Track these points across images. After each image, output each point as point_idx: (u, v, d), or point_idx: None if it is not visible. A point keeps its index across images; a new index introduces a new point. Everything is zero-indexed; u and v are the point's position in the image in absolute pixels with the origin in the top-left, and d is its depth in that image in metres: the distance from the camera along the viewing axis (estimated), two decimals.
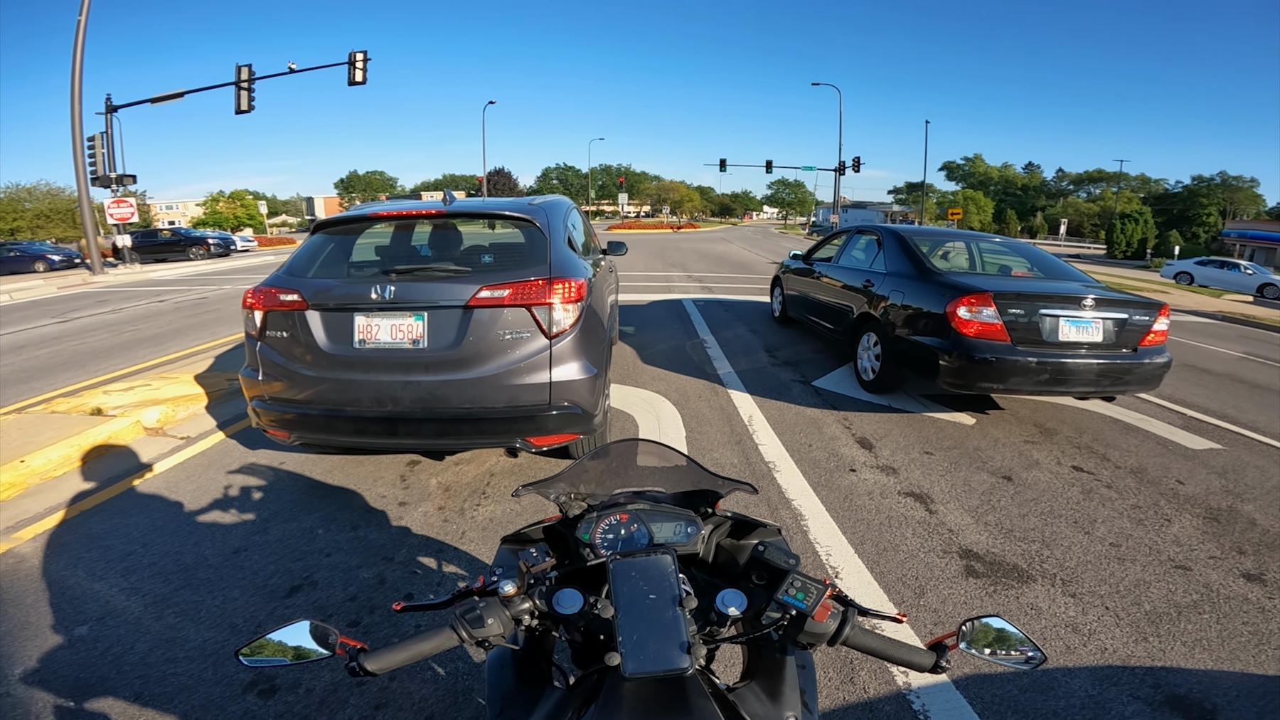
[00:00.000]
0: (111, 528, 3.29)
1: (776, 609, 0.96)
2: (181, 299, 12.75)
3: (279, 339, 3.35)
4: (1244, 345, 9.93)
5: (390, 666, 0.92)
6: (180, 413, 4.97)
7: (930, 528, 3.33)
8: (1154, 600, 2.77)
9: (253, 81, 20.29)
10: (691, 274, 16.59)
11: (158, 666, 2.29)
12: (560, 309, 3.27)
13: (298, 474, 3.88)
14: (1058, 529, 3.37)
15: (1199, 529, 3.44)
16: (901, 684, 2.22)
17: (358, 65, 20.38)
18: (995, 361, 4.51)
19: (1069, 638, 2.50)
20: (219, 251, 28.08)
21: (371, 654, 0.92)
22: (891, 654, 0.98)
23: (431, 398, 3.21)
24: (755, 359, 6.94)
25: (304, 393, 3.30)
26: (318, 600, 2.68)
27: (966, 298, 4.65)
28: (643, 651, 0.88)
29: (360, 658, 0.91)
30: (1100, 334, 4.66)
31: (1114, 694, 2.20)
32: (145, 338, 8.52)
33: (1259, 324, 12.79)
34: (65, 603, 2.67)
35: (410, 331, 3.25)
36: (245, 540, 3.14)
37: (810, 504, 3.55)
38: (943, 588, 2.81)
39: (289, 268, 3.56)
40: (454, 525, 3.24)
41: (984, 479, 3.96)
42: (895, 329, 5.32)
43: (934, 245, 6.18)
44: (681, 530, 1.20)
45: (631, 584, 0.97)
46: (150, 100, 20.65)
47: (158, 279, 17.74)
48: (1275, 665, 2.37)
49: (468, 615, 0.94)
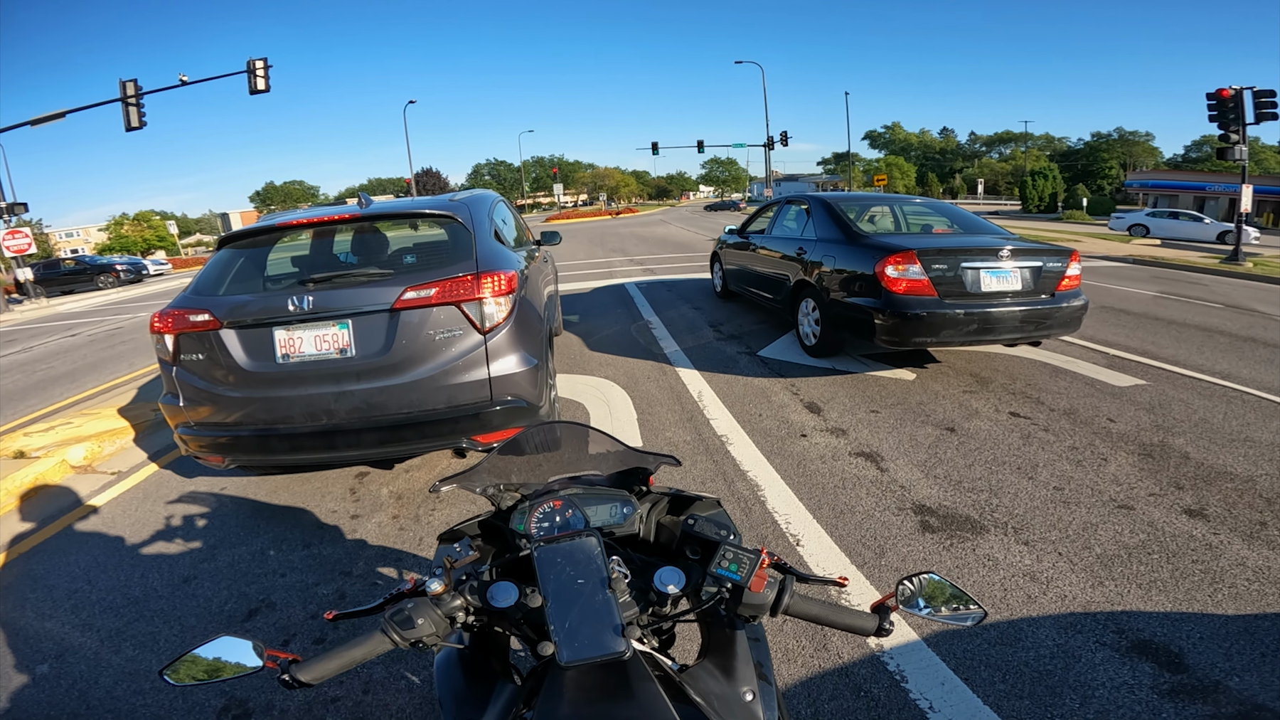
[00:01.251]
0: (52, 567, 3.16)
1: (712, 582, 0.95)
2: (94, 331, 12.00)
3: (196, 361, 3.19)
4: (1157, 285, 10.55)
5: (324, 675, 0.89)
6: (107, 448, 4.71)
7: (883, 486, 3.43)
8: (1103, 543, 2.85)
9: (140, 96, 18.99)
10: (632, 258, 16.57)
11: (126, 699, 2.24)
12: (491, 303, 3.22)
13: (241, 498, 3.72)
14: (1003, 476, 3.50)
15: (1135, 466, 3.58)
16: (874, 645, 2.26)
17: (258, 73, 19.31)
18: (925, 316, 4.68)
19: (1028, 587, 2.55)
20: (130, 278, 26.49)
21: (304, 665, 0.89)
22: (834, 620, 0.97)
23: (367, 406, 3.12)
24: (700, 335, 7.01)
25: (231, 415, 3.17)
26: (278, 621, 2.60)
27: (893, 257, 4.80)
28: (576, 638, 0.86)
29: (292, 669, 0.88)
30: (1019, 282, 4.88)
31: (1080, 642, 2.24)
32: (60, 375, 8.01)
33: (1168, 264, 13.63)
34: (20, 643, 2.59)
35: (336, 341, 3.14)
36: (194, 568, 3.03)
37: (765, 473, 3.61)
38: (901, 545, 2.88)
39: (196, 287, 3.40)
40: (410, 533, 3.18)
41: (929, 432, 4.11)
42: (830, 293, 5.45)
43: (860, 210, 6.34)
44: (617, 511, 1.18)
45: (558, 570, 0.95)
46: (30, 122, 19.17)
47: (66, 312, 16.69)
48: (1233, 604, 2.41)
49: (396, 617, 0.91)
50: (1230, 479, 3.40)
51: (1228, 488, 3.31)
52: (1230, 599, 2.46)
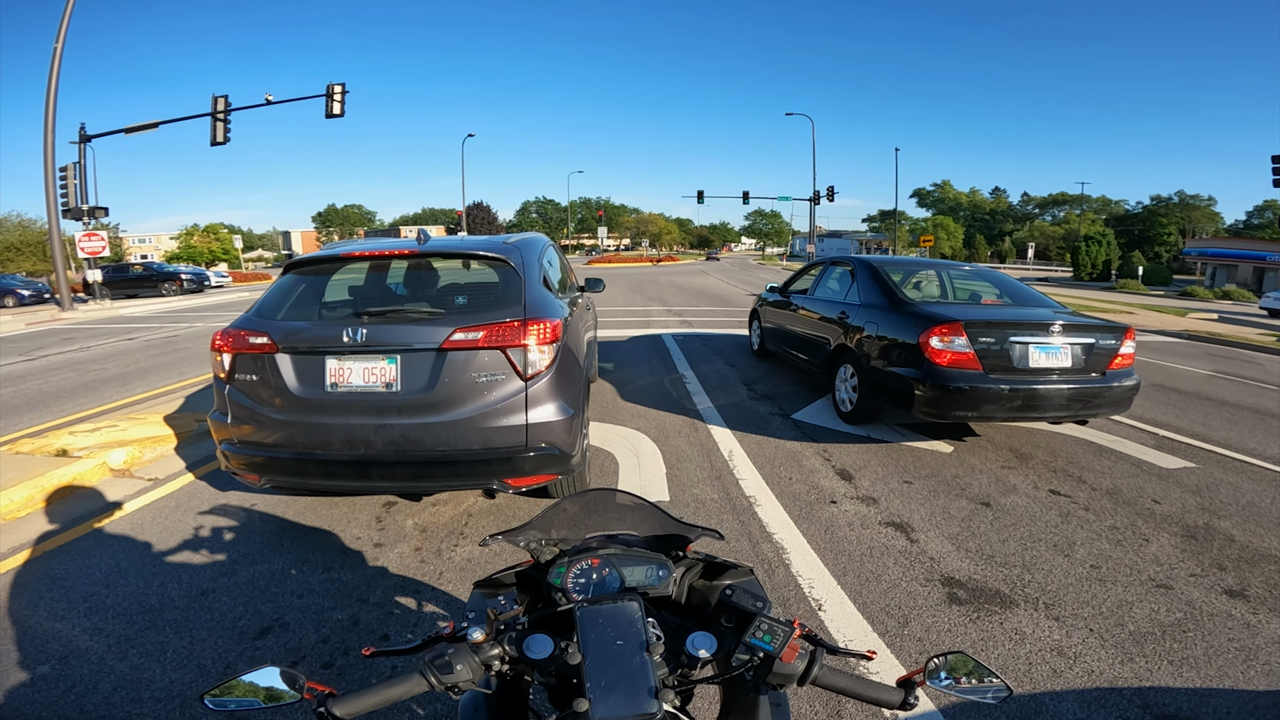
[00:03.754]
0: (74, 569, 3.21)
1: (745, 651, 0.96)
2: (151, 337, 12.53)
3: (248, 382, 3.30)
4: (1211, 363, 10.18)
5: (359, 712, 0.91)
6: (148, 454, 4.85)
7: (912, 556, 3.33)
8: (1138, 620, 2.77)
9: (229, 113, 20.27)
10: (670, 308, 16.70)
11: (122, 707, 2.24)
12: (535, 350, 3.26)
13: (269, 515, 3.78)
14: (1038, 553, 3.39)
15: (1178, 547, 3.47)
16: (889, 715, 2.20)
17: (336, 97, 20.46)
18: (969, 390, 4.58)
19: (1055, 661, 2.49)
20: (192, 287, 27.73)
21: (340, 699, 0.91)
22: (860, 693, 0.98)
23: (405, 440, 3.16)
24: (734, 393, 6.97)
25: (274, 436, 3.24)
26: (289, 642, 2.61)
27: (939, 328, 4.73)
28: (611, 696, 0.88)
29: (329, 703, 0.90)
30: (1069, 359, 4.76)
31: (1102, 716, 2.19)
32: (112, 377, 8.34)
33: (1223, 341, 13.17)
34: (27, 641, 2.62)
35: (383, 375, 3.21)
36: (213, 582, 3.06)
37: (792, 537, 3.54)
38: (926, 616, 2.80)
39: (259, 309, 3.53)
40: (431, 566, 3.18)
41: (963, 506, 3.99)
42: (871, 360, 5.39)
43: (906, 275, 6.31)
44: (653, 573, 1.20)
45: (599, 631, 0.97)
46: (125, 130, 20.52)
47: (128, 315, 17.45)
48: (1264, 680, 2.38)
49: (436, 661, 0.93)
50: (1275, 561, 3.30)
51: (1271, 570, 3.21)
52: (1263, 675, 2.39)
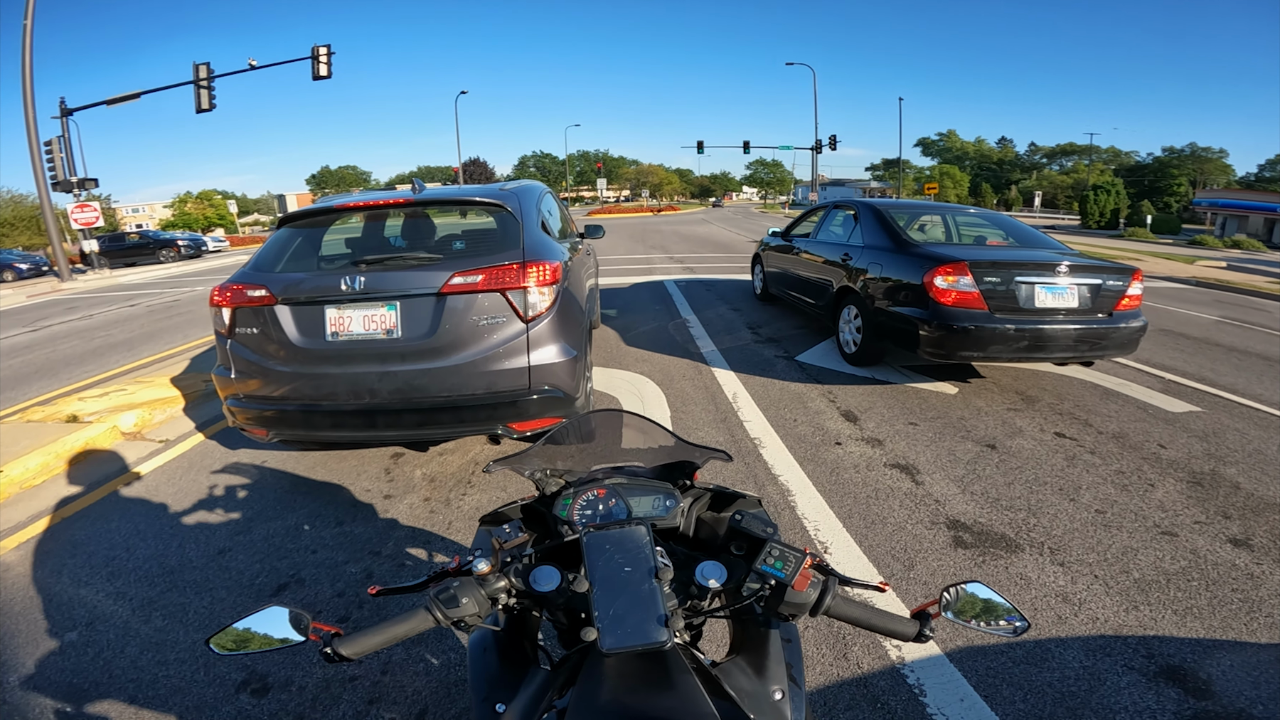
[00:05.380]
0: (94, 533, 3.25)
1: (756, 579, 0.94)
2: (153, 302, 12.51)
3: (250, 335, 3.29)
4: (1219, 310, 10.05)
5: (366, 651, 0.91)
6: (157, 416, 4.89)
7: (917, 499, 3.35)
8: (1142, 568, 2.77)
9: (212, 79, 19.78)
10: (673, 255, 16.53)
11: (149, 669, 2.28)
12: (535, 292, 3.24)
13: (280, 471, 3.82)
14: (1043, 497, 3.39)
15: (1183, 494, 3.45)
16: (895, 658, 2.22)
17: (321, 60, 19.95)
18: (974, 330, 4.54)
19: (1060, 608, 2.50)
20: (190, 253, 27.58)
21: (346, 639, 0.90)
22: (875, 623, 0.97)
23: (409, 388, 3.17)
24: (738, 336, 6.94)
25: (279, 389, 3.25)
26: (305, 597, 2.65)
27: (943, 267, 4.67)
28: (620, 626, 0.86)
29: (335, 643, 0.90)
30: (1076, 299, 4.70)
31: (1108, 665, 2.19)
32: (118, 343, 8.36)
33: (1233, 288, 12.99)
34: (53, 609, 2.66)
35: (383, 322, 3.20)
36: (230, 540, 3.11)
37: (797, 479, 3.56)
38: (931, 559, 2.82)
39: (255, 263, 3.49)
40: (440, 516, 3.22)
41: (968, 448, 3.99)
42: (875, 301, 5.34)
43: (910, 218, 6.19)
44: (660, 504, 1.19)
45: (606, 557, 0.96)
46: (106, 102, 20.09)
47: (127, 283, 17.40)
48: (1267, 633, 2.36)
49: (442, 595, 0.92)
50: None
51: (1276, 520, 3.18)
52: (1266, 629, 2.39)
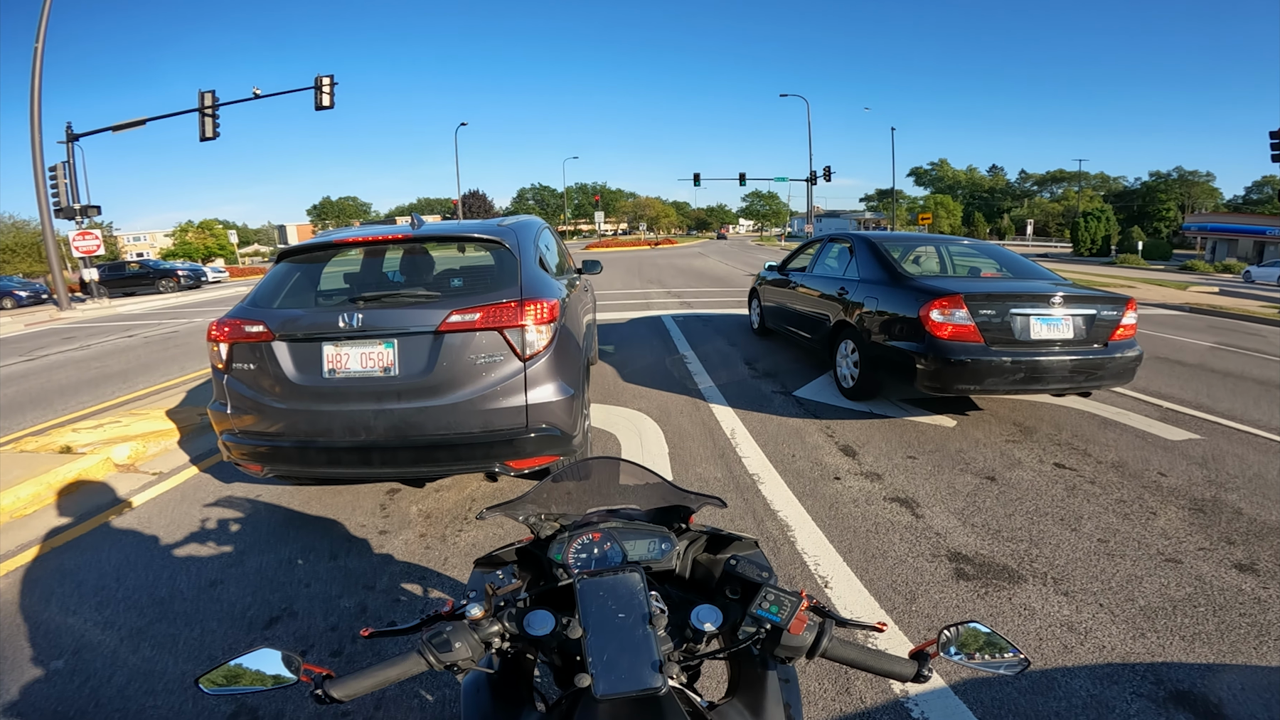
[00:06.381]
0: (84, 563, 3.24)
1: (751, 623, 0.94)
2: (150, 333, 12.51)
3: (246, 371, 3.28)
4: (1213, 335, 10.13)
5: (357, 693, 0.90)
6: (151, 448, 4.86)
7: (917, 532, 3.33)
8: (1148, 595, 2.76)
9: (216, 107, 20.10)
10: (669, 289, 16.64)
11: (136, 699, 2.25)
12: (533, 330, 3.25)
13: (275, 505, 3.79)
14: (1045, 527, 3.38)
15: (1185, 520, 3.45)
16: (898, 691, 2.20)
17: (324, 90, 20.31)
18: (970, 363, 4.56)
19: (1065, 637, 2.48)
20: (189, 283, 27.65)
21: (338, 681, 0.90)
22: (871, 665, 0.96)
23: (405, 425, 3.15)
24: (735, 371, 6.95)
25: (274, 425, 3.24)
26: (298, 630, 2.61)
27: (939, 301, 4.71)
28: (613, 672, 0.86)
29: (326, 685, 0.89)
30: (1071, 330, 4.74)
31: (1116, 692, 2.18)
32: (114, 374, 8.33)
33: (1226, 314, 13.11)
34: (40, 637, 2.64)
35: (381, 359, 3.20)
36: (221, 572, 3.08)
37: (796, 514, 3.54)
38: (933, 592, 2.80)
39: (253, 299, 3.50)
40: (436, 552, 3.18)
41: (968, 480, 3.98)
42: (871, 335, 5.36)
43: (905, 250, 6.27)
44: (655, 547, 1.18)
45: (600, 604, 0.95)
46: (112, 128, 20.37)
47: (126, 313, 17.43)
48: (1276, 657, 2.35)
49: (435, 640, 0.92)
50: None
51: None
52: (1276, 651, 2.37)
